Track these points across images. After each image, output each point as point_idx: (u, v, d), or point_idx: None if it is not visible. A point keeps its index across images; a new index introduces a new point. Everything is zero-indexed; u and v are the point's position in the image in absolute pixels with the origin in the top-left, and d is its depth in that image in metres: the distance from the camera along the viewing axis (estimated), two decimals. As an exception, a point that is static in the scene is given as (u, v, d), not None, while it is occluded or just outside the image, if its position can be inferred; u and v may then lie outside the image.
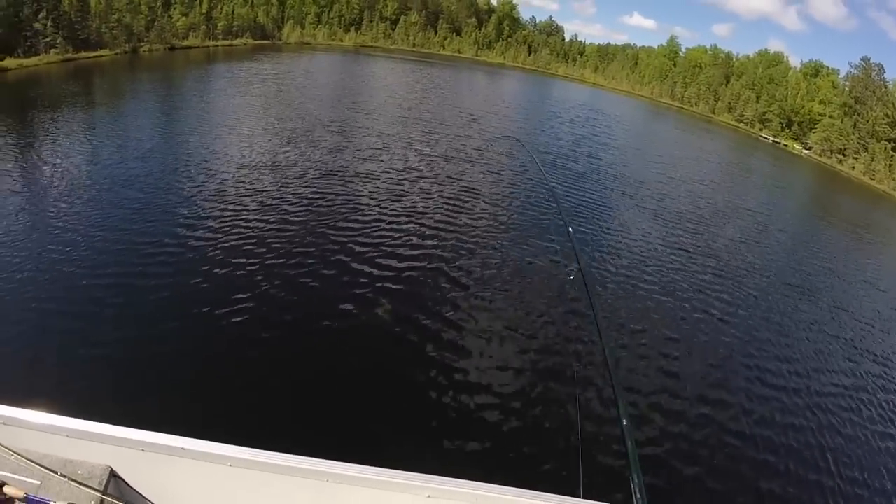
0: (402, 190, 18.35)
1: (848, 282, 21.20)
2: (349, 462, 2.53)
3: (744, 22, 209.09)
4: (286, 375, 9.16)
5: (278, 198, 15.97)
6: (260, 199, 15.74)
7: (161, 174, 16.72)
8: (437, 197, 18.29)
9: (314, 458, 2.57)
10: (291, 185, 17.15)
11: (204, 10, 70.34)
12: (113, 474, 2.62)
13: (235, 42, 74.35)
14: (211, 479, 2.61)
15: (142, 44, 55.17)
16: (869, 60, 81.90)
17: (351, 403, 8.60)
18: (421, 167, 21.24)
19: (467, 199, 18.51)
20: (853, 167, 73.46)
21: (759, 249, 21.07)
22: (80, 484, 2.50)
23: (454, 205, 17.94)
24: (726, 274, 17.39)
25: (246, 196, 15.82)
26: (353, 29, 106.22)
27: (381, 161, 20.94)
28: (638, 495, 2.34)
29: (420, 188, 18.92)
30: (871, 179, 68.78)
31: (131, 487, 2.70)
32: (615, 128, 49.51)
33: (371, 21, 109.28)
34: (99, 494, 2.52)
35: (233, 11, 76.03)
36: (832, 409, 11.57)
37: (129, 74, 41.16)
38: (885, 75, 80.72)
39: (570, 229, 6.17)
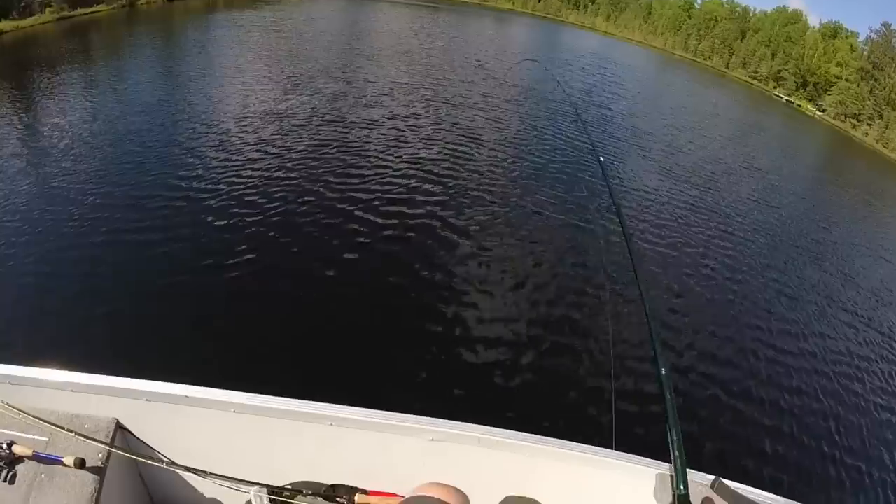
0: (407, 136, 18.46)
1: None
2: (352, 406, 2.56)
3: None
4: (288, 325, 9.04)
5: (280, 146, 15.98)
6: (261, 148, 15.79)
7: (161, 128, 15.99)
8: (446, 134, 18.93)
9: (316, 402, 2.59)
10: (292, 134, 17.10)
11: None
12: (119, 426, 2.65)
13: (235, -12, 71.42)
14: (215, 425, 2.65)
15: None
16: (890, 26, 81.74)
17: (356, 352, 8.45)
18: (427, 112, 21.23)
19: (488, 132, 18.94)
20: (867, 133, 73.90)
21: (770, 211, 21.25)
22: (88, 438, 2.51)
23: (471, 140, 18.68)
24: (736, 233, 17.55)
25: (246, 146, 15.80)
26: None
27: (385, 107, 20.72)
28: (676, 453, 2.23)
29: (428, 128, 19.12)
30: (885, 147, 68.91)
31: (137, 438, 2.73)
32: (627, 78, 49.56)
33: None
34: (106, 447, 2.54)
35: (242, -39, 73.09)
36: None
37: (126, 29, 40.42)
38: (904, 42, 79.56)
39: (602, 158, 5.57)
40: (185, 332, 8.43)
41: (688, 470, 2.33)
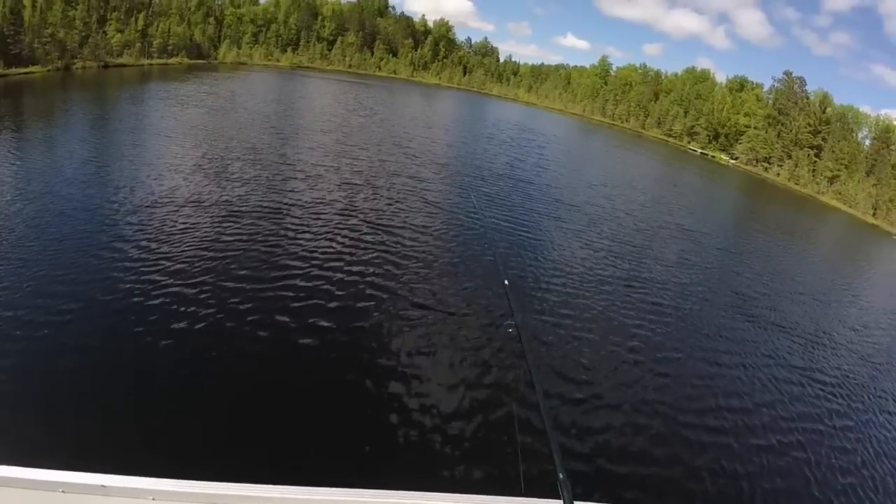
0: (332, 222, 17.65)
1: (783, 290, 22.24)
2: (281, 485, 2.41)
3: (674, 41, 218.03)
4: (209, 402, 8.72)
5: (206, 230, 15.19)
6: (189, 229, 15.01)
7: (86, 202, 15.79)
8: (367, 228, 17.56)
9: (243, 484, 2.44)
10: (220, 220, 16.19)
11: (139, 27, 68.46)
12: None
13: (171, 61, 72.64)
14: None
15: (75, 60, 53.46)
16: (791, 74, 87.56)
17: (282, 426, 8.27)
18: (351, 197, 20.56)
19: (399, 232, 17.60)
20: (778, 174, 77.99)
21: (694, 269, 21.28)
22: None
23: (386, 234, 17.28)
24: (659, 297, 17.15)
25: (174, 227, 15.07)
26: (289, 49, 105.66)
27: (311, 192, 20.24)
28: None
29: (349, 220, 18.21)
30: (796, 185, 73.22)
31: None
32: (549, 148, 50.01)
33: (308, 41, 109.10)
34: None
35: (169, 29, 74.34)
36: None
37: (61, 93, 39.47)
38: (806, 87, 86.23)
39: (506, 282, 5.61)
40: (96, 411, 8.01)
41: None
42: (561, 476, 2.36)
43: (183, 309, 10.85)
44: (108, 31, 63.97)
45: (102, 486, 2.35)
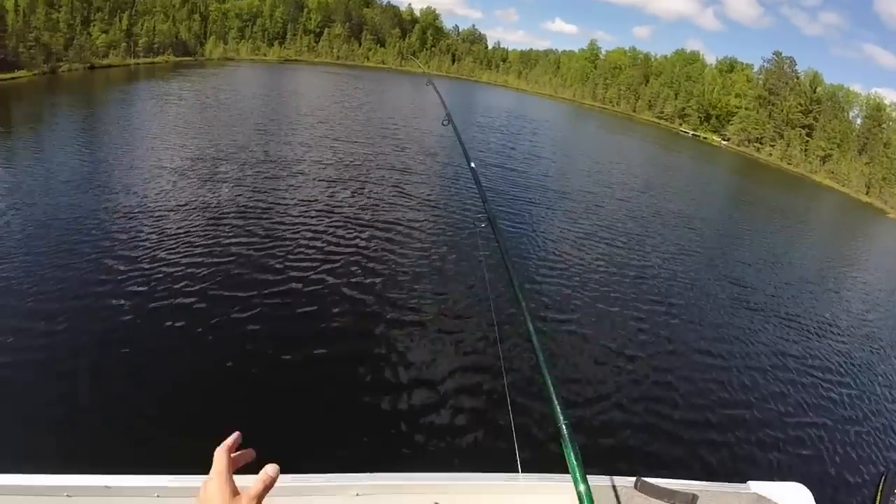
0: (327, 214, 17.66)
1: (780, 271, 22.32)
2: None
3: (663, 24, 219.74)
4: (202, 397, 8.63)
5: (196, 230, 15.07)
6: (179, 230, 14.83)
7: (78, 211, 15.42)
8: (355, 222, 17.36)
9: (245, 475, 2.36)
10: (210, 219, 16.07)
11: (124, 27, 67.66)
12: None
13: (157, 59, 71.56)
14: None
15: (60, 63, 52.72)
16: (781, 54, 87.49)
17: (279, 417, 8.23)
18: (338, 192, 20.48)
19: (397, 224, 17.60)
20: (770, 154, 78.18)
21: (690, 255, 21.16)
22: None
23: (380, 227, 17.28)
24: (655, 284, 17.16)
25: (165, 228, 14.92)
26: (276, 43, 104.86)
27: (303, 190, 19.99)
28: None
29: (344, 211, 18.26)
30: (788, 164, 73.41)
31: None
32: (541, 134, 49.77)
33: (295, 34, 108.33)
34: None
35: (154, 27, 73.37)
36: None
37: (48, 98, 38.95)
38: (796, 67, 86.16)
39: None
40: (93, 414, 7.95)
41: (610, 476, 2.54)
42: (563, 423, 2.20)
43: (176, 305, 10.83)
44: (93, 31, 63.11)
45: (106, 486, 2.35)
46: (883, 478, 2.76)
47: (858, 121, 78.32)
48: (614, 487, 2.57)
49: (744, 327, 15.22)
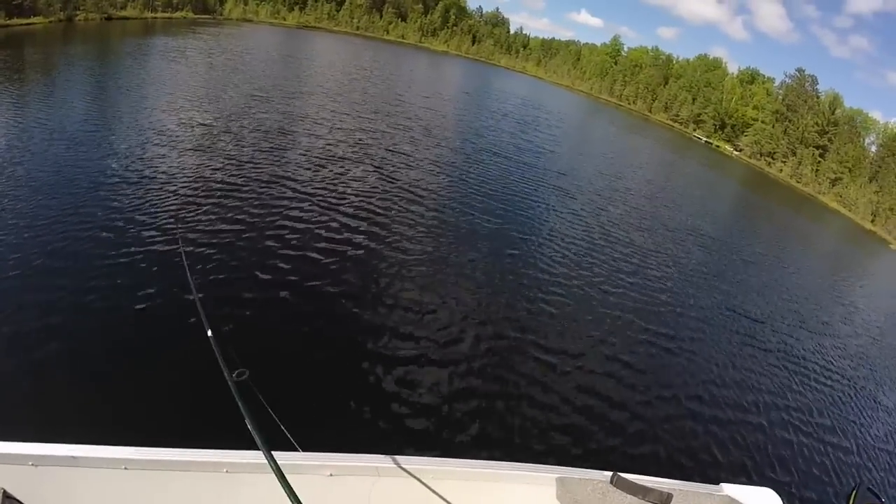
0: (336, 187, 17.27)
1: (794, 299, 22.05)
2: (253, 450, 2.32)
3: (689, 27, 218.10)
4: (183, 370, 8.14)
5: (206, 188, 14.85)
6: (186, 187, 14.59)
7: (85, 162, 15.16)
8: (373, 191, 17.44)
9: (209, 450, 2.49)
10: (221, 172, 16.07)
11: (144, -22, 67.04)
12: (6, 496, 2.40)
13: (175, 15, 70.72)
14: (107, 486, 2.48)
15: (77, 12, 51.53)
16: (804, 71, 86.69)
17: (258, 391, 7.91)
18: (346, 174, 19.50)
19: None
20: (781, 170, 77.89)
21: (694, 273, 20.67)
22: None
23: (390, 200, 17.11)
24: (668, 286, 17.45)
25: (172, 182, 14.74)
26: (296, 8, 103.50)
27: (314, 162, 19.52)
28: None
29: (355, 184, 18.03)
30: (798, 182, 73.03)
31: None
32: (555, 128, 48.78)
33: (316, 1, 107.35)
34: None
35: (174, -20, 72.95)
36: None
37: (62, 45, 38.49)
38: (817, 86, 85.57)
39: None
40: (69, 381, 7.67)
41: (588, 470, 2.65)
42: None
43: (170, 275, 10.24)
44: (114, -20, 62.21)
45: (73, 457, 2.37)
46: (854, 491, 3.03)
47: (874, 148, 77.69)
48: (590, 481, 2.66)
49: (728, 338, 15.29)
